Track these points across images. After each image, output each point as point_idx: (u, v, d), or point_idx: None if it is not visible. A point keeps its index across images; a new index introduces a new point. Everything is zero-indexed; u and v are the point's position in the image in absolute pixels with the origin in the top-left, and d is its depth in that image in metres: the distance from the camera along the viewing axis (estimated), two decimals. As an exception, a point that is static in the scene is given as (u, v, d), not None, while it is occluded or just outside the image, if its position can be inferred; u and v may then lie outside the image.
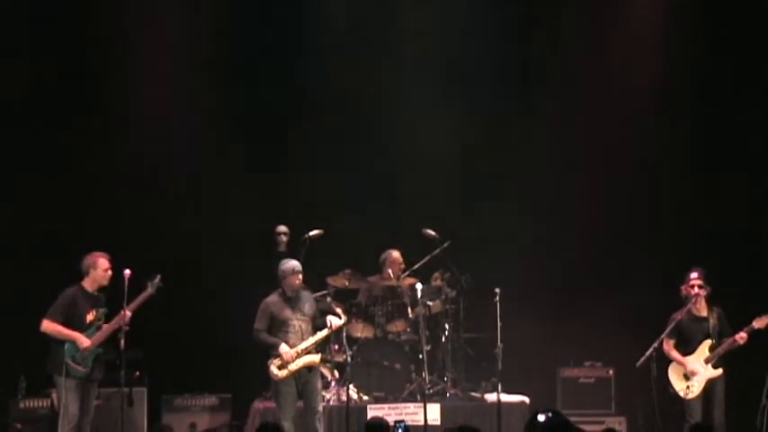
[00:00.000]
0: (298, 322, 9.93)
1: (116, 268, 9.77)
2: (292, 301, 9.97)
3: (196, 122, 12.23)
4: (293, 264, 10.03)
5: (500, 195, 12.24)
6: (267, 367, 9.83)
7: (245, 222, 12.02)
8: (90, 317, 9.71)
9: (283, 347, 9.77)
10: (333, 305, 10.50)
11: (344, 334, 10.49)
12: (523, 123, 12.32)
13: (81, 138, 12.03)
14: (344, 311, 10.45)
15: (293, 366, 9.80)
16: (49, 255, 11.46)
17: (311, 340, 9.92)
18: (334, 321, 10.04)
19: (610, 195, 12.23)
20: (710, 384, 10.06)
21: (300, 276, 9.99)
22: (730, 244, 11.86)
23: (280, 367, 9.80)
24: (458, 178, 12.48)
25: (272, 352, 9.84)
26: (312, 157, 12.48)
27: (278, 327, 9.91)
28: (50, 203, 11.87)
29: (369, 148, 12.43)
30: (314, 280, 10.95)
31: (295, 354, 9.78)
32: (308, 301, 10.08)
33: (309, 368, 9.93)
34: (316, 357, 9.93)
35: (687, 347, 10.14)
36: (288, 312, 9.93)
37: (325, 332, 10.01)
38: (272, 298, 10.00)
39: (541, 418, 6.12)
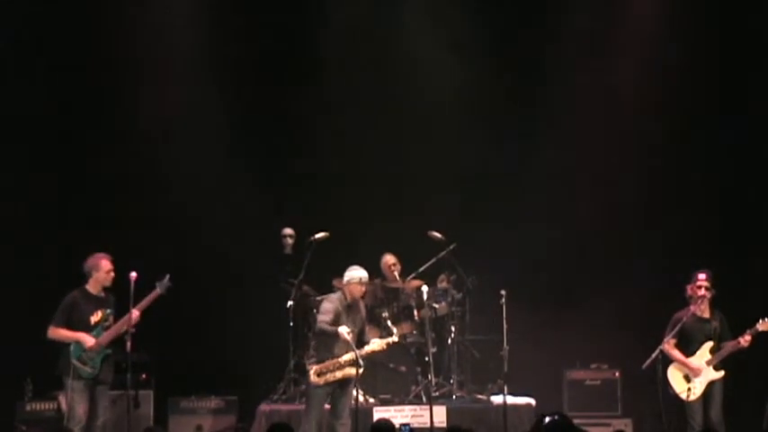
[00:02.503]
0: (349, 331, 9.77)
1: (122, 271, 9.76)
2: (349, 308, 9.91)
3: (197, 122, 12.24)
4: (360, 274, 9.91)
5: (503, 197, 12.22)
6: (306, 370, 9.83)
7: (251, 224, 12.03)
8: (94, 318, 9.73)
9: (342, 329, 9.59)
10: (389, 323, 10.41)
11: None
12: (524, 125, 12.31)
13: (86, 139, 12.08)
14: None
15: (331, 378, 9.77)
16: (56, 258, 11.49)
17: (373, 346, 9.87)
18: (392, 339, 10.03)
19: (612, 196, 12.22)
20: (710, 386, 10.06)
21: (364, 288, 9.98)
22: (734, 245, 11.84)
23: (319, 374, 9.77)
24: (461, 180, 12.47)
25: (331, 344, 9.70)
26: (317, 159, 12.49)
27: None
28: (55, 207, 11.91)
29: (374, 150, 12.43)
30: (317, 281, 10.99)
31: (351, 337, 9.61)
32: (360, 312, 10.03)
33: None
34: (353, 371, 9.76)
35: (688, 348, 10.13)
36: (343, 318, 9.84)
37: (378, 344, 9.92)
38: (336, 298, 9.94)
39: (547, 420, 6.13)
